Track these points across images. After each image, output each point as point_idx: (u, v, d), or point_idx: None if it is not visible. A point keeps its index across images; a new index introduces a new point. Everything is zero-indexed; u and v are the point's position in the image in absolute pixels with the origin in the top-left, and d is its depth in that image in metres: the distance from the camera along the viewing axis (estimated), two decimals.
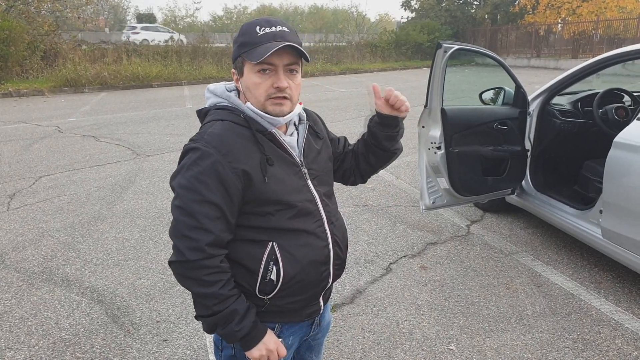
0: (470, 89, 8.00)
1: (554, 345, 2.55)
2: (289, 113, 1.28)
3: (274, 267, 1.26)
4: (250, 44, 1.22)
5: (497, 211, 4.36)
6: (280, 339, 1.34)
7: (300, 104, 1.34)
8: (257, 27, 1.23)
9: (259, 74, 1.23)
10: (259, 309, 1.30)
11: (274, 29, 1.23)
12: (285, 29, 1.24)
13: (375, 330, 2.68)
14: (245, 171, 1.20)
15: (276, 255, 1.26)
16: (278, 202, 1.25)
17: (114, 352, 2.50)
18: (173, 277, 3.36)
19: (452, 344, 2.56)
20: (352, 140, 1.65)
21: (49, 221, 4.23)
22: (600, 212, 3.01)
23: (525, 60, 24.17)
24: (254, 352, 1.26)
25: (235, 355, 1.35)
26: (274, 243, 1.26)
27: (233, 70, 1.31)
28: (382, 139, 1.48)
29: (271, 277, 1.26)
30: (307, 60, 1.28)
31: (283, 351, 1.31)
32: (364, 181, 1.63)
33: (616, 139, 2.86)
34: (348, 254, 1.48)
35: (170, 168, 5.85)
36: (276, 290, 1.28)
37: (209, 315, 1.23)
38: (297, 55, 1.25)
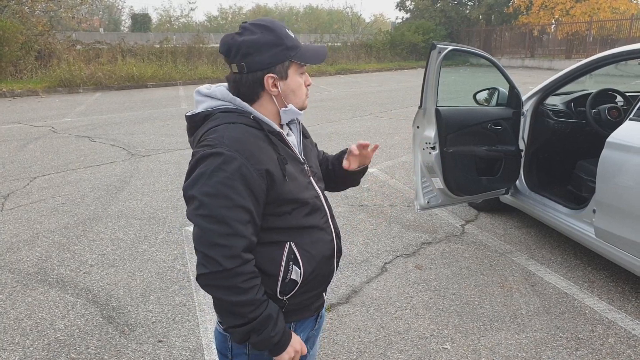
0: (464, 89, 8.05)
1: (548, 344, 2.56)
2: None
3: (294, 267, 1.27)
4: (296, 47, 1.26)
5: (492, 211, 4.38)
6: None
7: None
8: (287, 30, 1.27)
9: (301, 75, 1.30)
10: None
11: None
12: None
13: (370, 330, 2.69)
14: (269, 171, 1.20)
15: (295, 255, 1.27)
16: (295, 201, 1.27)
17: (109, 352, 2.50)
18: (168, 277, 3.37)
19: (447, 343, 2.57)
20: (349, 141, 1.67)
21: (44, 222, 4.21)
22: (594, 211, 3.04)
23: (519, 61, 24.30)
24: (284, 356, 1.25)
25: None
26: (292, 243, 1.27)
27: (272, 75, 1.24)
28: (349, 181, 1.61)
29: (292, 277, 1.27)
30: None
31: (305, 349, 1.32)
32: None
33: (609, 139, 2.89)
34: (344, 254, 1.52)
35: (165, 169, 5.84)
36: (296, 289, 1.29)
37: (244, 323, 1.18)
38: None
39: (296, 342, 1.28)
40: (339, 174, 1.56)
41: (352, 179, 1.59)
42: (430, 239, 3.87)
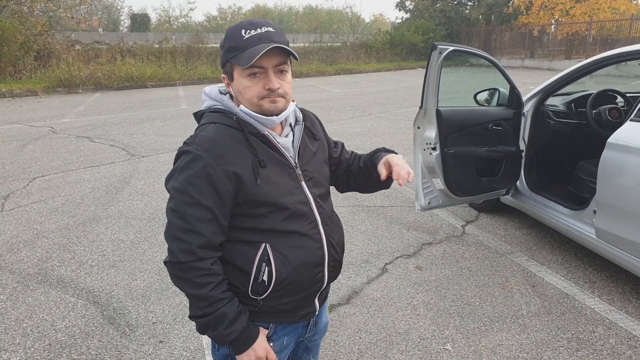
0: (464, 89, 8.05)
1: (549, 344, 2.57)
2: (283, 111, 1.28)
3: (266, 268, 1.27)
4: (238, 48, 1.22)
5: (492, 211, 4.39)
6: (271, 344, 1.35)
7: (292, 101, 1.34)
8: (243, 31, 1.23)
9: (249, 78, 1.23)
10: (253, 309, 1.31)
11: (259, 30, 1.22)
12: (271, 29, 1.24)
13: (371, 331, 2.69)
14: (237, 173, 1.21)
15: (269, 257, 1.27)
16: (270, 204, 1.26)
17: (110, 353, 2.50)
18: (169, 278, 3.37)
19: (448, 344, 2.57)
20: (348, 141, 1.65)
21: (44, 222, 4.21)
22: (594, 212, 3.04)
23: (519, 61, 24.30)
24: (243, 357, 1.29)
25: (231, 354, 1.35)
26: (267, 244, 1.27)
27: (223, 75, 1.32)
28: (379, 183, 1.51)
29: (263, 278, 1.27)
30: (296, 59, 1.27)
31: (272, 357, 1.32)
32: (350, 190, 1.65)
33: (609, 139, 2.89)
34: (344, 254, 1.49)
35: (165, 169, 5.84)
36: (269, 291, 1.29)
37: (200, 316, 1.25)
38: (285, 54, 1.24)
39: (260, 349, 1.29)
40: (368, 176, 1.52)
41: (381, 184, 1.52)
42: (430, 240, 3.87)
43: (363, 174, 1.54)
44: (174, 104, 11.43)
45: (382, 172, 1.41)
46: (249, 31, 1.22)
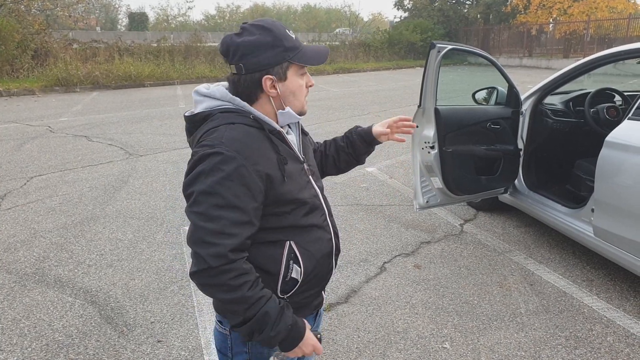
0: (463, 88, 8.05)
1: (547, 342, 2.57)
2: None
3: (294, 266, 1.27)
4: (295, 48, 1.24)
5: (490, 210, 4.39)
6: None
7: None
8: (286, 31, 1.25)
9: (301, 77, 1.28)
10: None
11: None
12: None
13: (369, 329, 2.68)
14: (268, 174, 1.20)
15: (295, 254, 1.27)
16: (294, 201, 1.27)
17: (108, 353, 2.49)
18: (167, 277, 3.37)
19: (447, 343, 2.57)
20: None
21: (41, 222, 4.20)
22: (592, 210, 3.04)
23: (517, 60, 24.33)
24: (290, 354, 1.25)
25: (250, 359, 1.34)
26: (291, 242, 1.27)
27: (270, 76, 1.23)
28: (362, 153, 1.64)
29: (292, 275, 1.27)
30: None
31: (320, 350, 1.29)
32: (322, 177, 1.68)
33: (607, 138, 2.89)
34: (343, 253, 1.52)
35: (163, 168, 5.83)
36: (296, 287, 1.29)
37: (243, 322, 1.18)
38: None
39: (308, 345, 1.25)
40: (352, 150, 1.62)
41: (363, 152, 1.64)
42: (429, 239, 3.87)
43: (345, 150, 1.62)
44: (172, 103, 11.40)
45: (384, 130, 1.61)
46: (290, 31, 1.26)
